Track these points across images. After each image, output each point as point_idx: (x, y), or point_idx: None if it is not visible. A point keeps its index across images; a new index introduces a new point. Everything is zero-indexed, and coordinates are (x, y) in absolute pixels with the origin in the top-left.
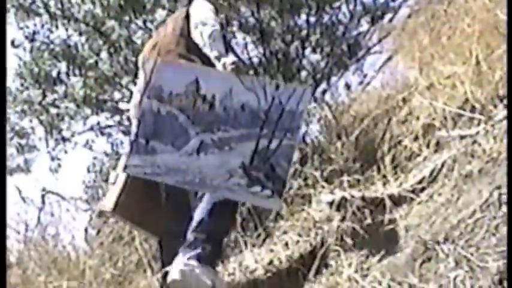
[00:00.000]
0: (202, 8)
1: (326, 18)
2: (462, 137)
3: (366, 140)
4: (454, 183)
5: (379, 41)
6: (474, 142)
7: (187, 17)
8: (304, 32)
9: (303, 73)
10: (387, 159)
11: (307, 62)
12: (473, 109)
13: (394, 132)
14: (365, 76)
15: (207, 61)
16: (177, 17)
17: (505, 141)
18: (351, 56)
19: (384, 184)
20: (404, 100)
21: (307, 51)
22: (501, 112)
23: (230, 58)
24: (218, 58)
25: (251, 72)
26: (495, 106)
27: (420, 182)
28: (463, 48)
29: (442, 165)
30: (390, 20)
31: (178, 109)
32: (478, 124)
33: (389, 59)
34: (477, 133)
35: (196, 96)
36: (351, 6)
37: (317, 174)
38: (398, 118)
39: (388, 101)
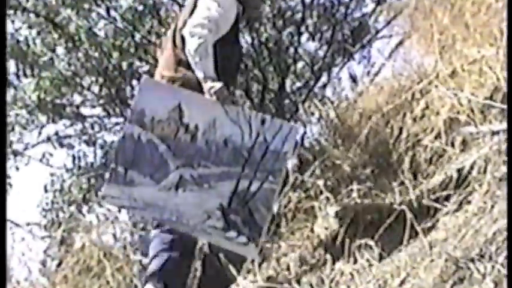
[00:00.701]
0: (203, 4)
1: None
2: (494, 133)
3: (377, 141)
4: (487, 188)
5: (388, 22)
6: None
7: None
8: (298, 16)
9: (299, 64)
10: (404, 162)
11: (304, 51)
12: (505, 99)
13: (411, 130)
14: (373, 65)
15: None
16: (185, 12)
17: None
18: (355, 42)
19: (402, 192)
20: (421, 92)
21: (303, 38)
22: None
23: (216, 84)
24: (204, 80)
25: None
26: None
27: (445, 188)
28: (491, 27)
29: (471, 167)
30: None
31: (159, 138)
32: None
33: (401, 43)
34: None
35: (178, 125)
36: None
37: (320, 183)
38: (415, 113)
39: (402, 93)
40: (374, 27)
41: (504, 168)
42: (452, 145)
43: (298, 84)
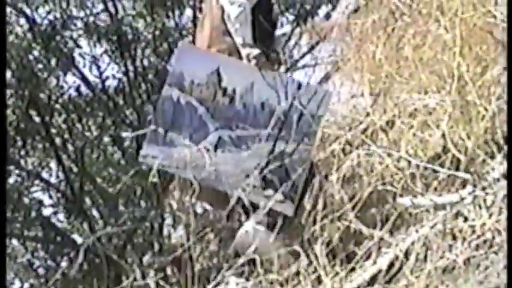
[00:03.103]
0: None
1: None
2: (438, 207)
3: None
4: (427, 281)
5: (311, 48)
6: (458, 215)
7: None
8: (189, 38)
9: None
10: (318, 244)
11: None
12: (454, 162)
13: (329, 199)
14: None
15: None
16: None
17: (506, 212)
18: None
19: (319, 283)
20: (346, 147)
21: None
22: (499, 167)
23: (254, 50)
24: (243, 46)
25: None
26: (490, 157)
27: (373, 280)
28: (439, 66)
29: (407, 253)
30: (327, 16)
31: (198, 100)
32: (464, 186)
33: (327, 77)
34: (462, 200)
35: (217, 88)
36: None
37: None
38: (337, 176)
39: (326, 145)
40: (291, 55)
41: (450, 255)
42: (384, 222)
43: None
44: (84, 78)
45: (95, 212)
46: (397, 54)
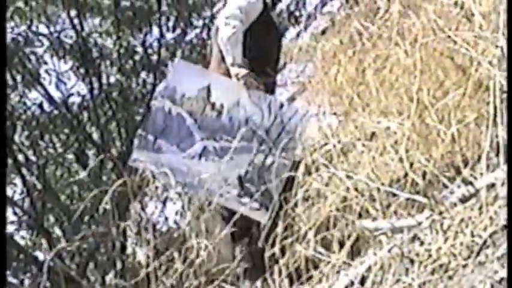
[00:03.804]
0: None
1: (192, 34)
2: (395, 231)
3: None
4: None
5: (279, 69)
6: (414, 239)
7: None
8: (154, 56)
9: None
10: (276, 269)
11: None
12: (413, 186)
13: (289, 219)
14: None
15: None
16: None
17: (461, 236)
18: None
19: None
20: (307, 168)
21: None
22: (458, 190)
23: (242, 70)
24: (232, 65)
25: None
26: (451, 179)
27: None
28: (399, 89)
29: (363, 278)
30: (294, 38)
31: (188, 112)
32: (421, 211)
33: (292, 99)
34: (419, 224)
35: (206, 103)
36: None
37: None
38: (298, 198)
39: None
40: None
41: (407, 279)
42: (341, 246)
43: None
44: (47, 95)
45: (57, 230)
46: (358, 77)
